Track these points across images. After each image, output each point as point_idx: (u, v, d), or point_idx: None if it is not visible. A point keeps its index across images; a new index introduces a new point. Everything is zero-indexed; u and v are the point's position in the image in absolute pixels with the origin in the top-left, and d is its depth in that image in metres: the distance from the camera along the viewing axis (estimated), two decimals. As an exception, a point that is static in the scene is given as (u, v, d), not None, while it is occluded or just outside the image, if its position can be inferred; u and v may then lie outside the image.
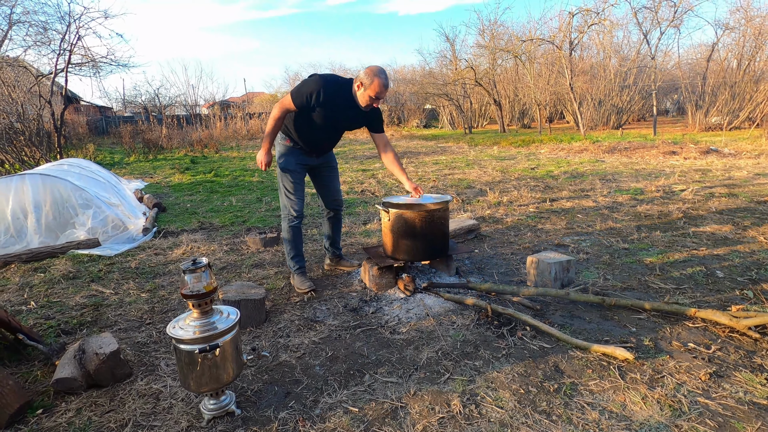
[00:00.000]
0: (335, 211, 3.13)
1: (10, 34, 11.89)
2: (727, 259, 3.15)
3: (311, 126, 2.71)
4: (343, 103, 2.62)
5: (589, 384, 1.82)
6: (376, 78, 2.49)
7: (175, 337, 1.58)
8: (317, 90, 2.55)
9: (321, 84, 2.55)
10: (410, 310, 2.54)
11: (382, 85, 2.50)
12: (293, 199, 2.85)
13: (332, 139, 2.87)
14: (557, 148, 10.86)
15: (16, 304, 2.83)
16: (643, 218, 4.33)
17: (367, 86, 2.51)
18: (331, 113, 2.65)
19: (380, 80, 2.49)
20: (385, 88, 2.53)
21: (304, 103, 2.59)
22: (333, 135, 2.84)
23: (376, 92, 2.51)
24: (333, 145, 2.95)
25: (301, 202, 2.88)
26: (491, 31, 19.29)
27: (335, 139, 2.89)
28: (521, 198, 5.43)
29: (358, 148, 13.14)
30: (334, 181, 3.07)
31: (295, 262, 2.96)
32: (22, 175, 4.20)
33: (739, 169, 6.89)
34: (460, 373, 1.92)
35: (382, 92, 2.54)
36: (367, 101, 2.57)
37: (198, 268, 1.59)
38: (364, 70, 2.54)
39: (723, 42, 15.62)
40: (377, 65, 2.54)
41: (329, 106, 2.61)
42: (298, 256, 2.96)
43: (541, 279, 2.75)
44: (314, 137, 2.78)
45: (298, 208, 2.86)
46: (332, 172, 3.06)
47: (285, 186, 2.86)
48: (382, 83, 2.50)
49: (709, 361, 1.94)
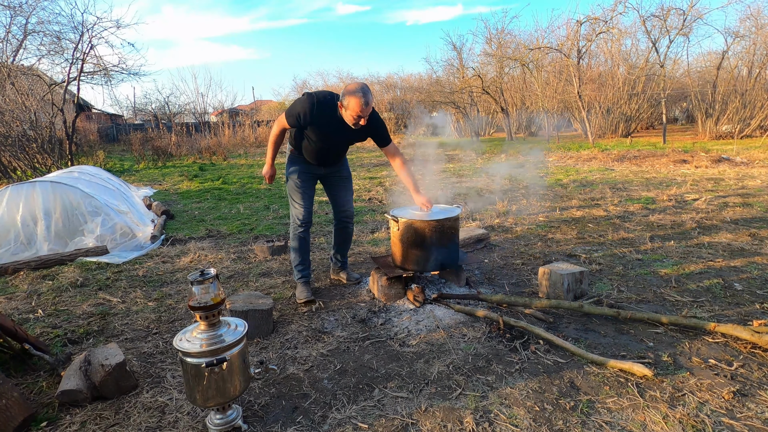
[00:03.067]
0: (344, 222, 3.05)
1: (25, 44, 12.14)
2: (745, 271, 3.06)
3: (309, 142, 2.70)
4: (334, 122, 2.59)
5: (606, 402, 1.75)
6: (353, 98, 2.43)
7: (182, 350, 1.54)
8: (304, 111, 2.55)
9: (308, 104, 2.54)
10: (420, 321, 2.49)
11: (361, 105, 2.43)
12: (298, 207, 2.83)
13: (333, 153, 2.82)
14: (566, 156, 10.79)
15: (23, 312, 2.82)
16: (655, 228, 4.25)
17: (347, 107, 2.47)
18: (324, 131, 2.63)
19: (358, 99, 2.42)
20: (366, 106, 2.45)
21: (296, 122, 2.61)
22: (333, 150, 2.80)
23: (357, 113, 2.46)
24: (338, 158, 2.90)
25: (306, 210, 2.83)
26: (498, 39, 19.35)
27: (337, 153, 2.85)
28: (530, 207, 5.36)
29: (366, 156, 13.16)
30: (343, 191, 3.00)
31: (297, 271, 2.92)
32: (33, 182, 4.23)
33: (753, 178, 6.77)
34: (473, 389, 1.87)
35: (364, 110, 2.46)
36: (352, 121, 2.52)
37: (206, 279, 1.56)
38: (344, 90, 2.49)
39: (733, 50, 15.49)
40: (356, 83, 2.49)
41: (320, 125, 2.60)
42: (301, 265, 2.92)
43: (554, 290, 2.69)
44: (314, 152, 2.75)
45: (303, 216, 2.83)
46: (342, 182, 2.99)
47: (291, 194, 2.86)
48: (361, 103, 2.43)
49: (732, 379, 1.87)
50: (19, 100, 10.19)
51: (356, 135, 2.73)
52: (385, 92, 26.51)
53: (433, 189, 6.92)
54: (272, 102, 35.35)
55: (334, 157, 2.86)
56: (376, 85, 26.84)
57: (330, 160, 2.86)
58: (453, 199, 6.04)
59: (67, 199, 4.19)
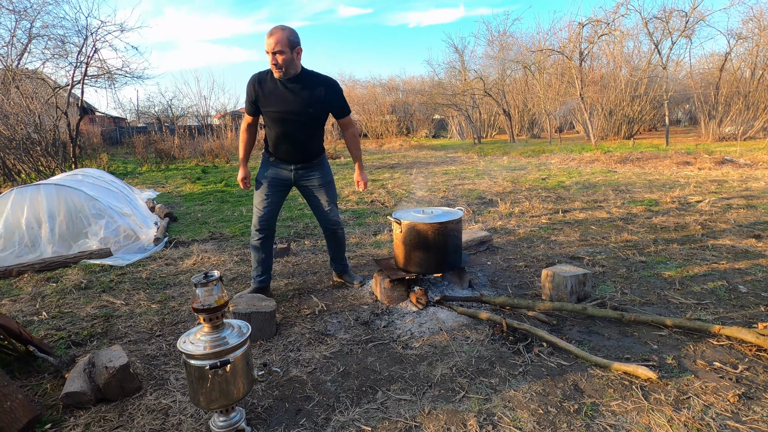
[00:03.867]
0: (331, 230, 2.98)
1: (29, 48, 12.23)
2: (750, 273, 3.05)
3: (269, 129, 2.67)
4: (278, 91, 2.53)
5: (611, 404, 1.75)
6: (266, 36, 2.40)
7: (186, 353, 1.55)
8: (250, 85, 2.56)
9: (250, 81, 2.57)
10: (423, 324, 2.49)
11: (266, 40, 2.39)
12: (256, 213, 2.77)
13: (295, 138, 2.65)
14: (568, 158, 10.77)
15: (28, 315, 2.83)
16: (659, 230, 4.24)
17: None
18: (273, 106, 2.56)
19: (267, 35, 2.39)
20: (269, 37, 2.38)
21: (251, 106, 2.61)
22: (294, 133, 2.63)
23: (266, 51, 2.40)
24: (305, 148, 2.72)
25: (264, 216, 2.74)
26: (500, 42, 19.39)
27: (299, 138, 2.66)
28: (533, 209, 5.36)
29: (367, 158, 13.17)
30: (321, 198, 2.87)
31: (253, 277, 2.90)
32: (38, 185, 4.25)
33: (757, 179, 6.74)
34: (476, 392, 1.86)
35: (269, 44, 2.38)
36: (271, 62, 2.42)
37: (209, 281, 1.57)
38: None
39: (736, 51, 15.45)
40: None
41: (268, 100, 2.56)
42: (257, 270, 2.87)
43: (557, 293, 2.69)
44: (276, 140, 2.67)
45: (260, 223, 2.75)
46: (320, 189, 2.84)
47: (254, 198, 2.80)
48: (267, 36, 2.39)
49: (737, 382, 1.86)
50: (23, 103, 10.26)
51: (309, 103, 2.55)
52: (387, 94, 26.55)
53: (434, 192, 6.93)
54: (274, 105, 35.40)
55: (300, 145, 2.69)
56: (378, 87, 26.87)
57: (296, 149, 2.70)
58: (455, 202, 6.04)
59: (71, 201, 4.21)
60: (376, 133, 24.52)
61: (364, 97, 26.16)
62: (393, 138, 22.36)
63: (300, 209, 5.97)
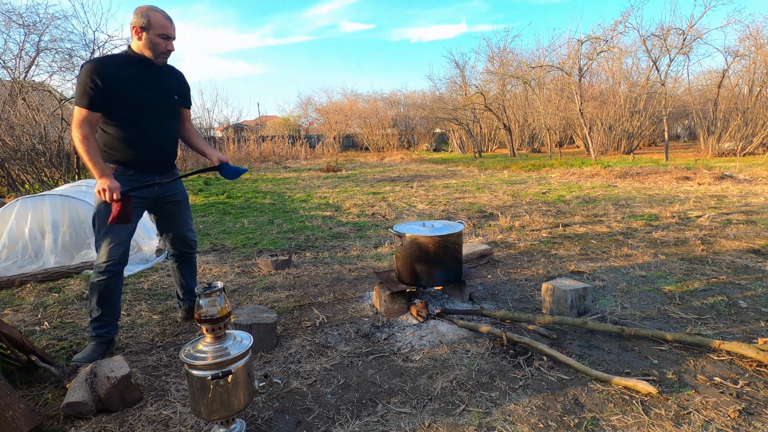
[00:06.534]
0: (186, 254, 2.62)
1: (37, 61, 12.43)
2: (750, 289, 3.06)
3: (122, 126, 2.19)
4: (133, 72, 2.18)
5: (611, 419, 1.75)
6: (153, 12, 2.13)
7: (188, 363, 1.56)
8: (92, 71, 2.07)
9: (93, 63, 2.11)
10: (423, 336, 2.49)
11: (164, 18, 2.15)
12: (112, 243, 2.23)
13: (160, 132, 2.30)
14: (568, 172, 10.84)
15: (30, 324, 2.84)
16: (659, 245, 4.26)
17: (147, 26, 2.12)
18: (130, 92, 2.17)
19: (160, 12, 2.15)
20: (170, 21, 2.17)
21: (94, 97, 2.08)
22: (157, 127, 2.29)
23: (163, 28, 2.14)
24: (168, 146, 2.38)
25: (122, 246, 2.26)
26: (500, 57, 19.65)
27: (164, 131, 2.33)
28: (533, 223, 5.38)
29: (369, 171, 13.25)
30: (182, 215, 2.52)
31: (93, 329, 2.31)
32: (42, 195, 4.30)
33: (756, 195, 6.78)
34: (476, 405, 1.87)
35: (169, 27, 2.16)
36: (157, 43, 2.15)
37: (213, 292, 1.59)
38: (133, 14, 2.13)
39: (733, 69, 15.66)
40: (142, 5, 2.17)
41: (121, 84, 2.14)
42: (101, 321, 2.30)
43: (557, 306, 2.69)
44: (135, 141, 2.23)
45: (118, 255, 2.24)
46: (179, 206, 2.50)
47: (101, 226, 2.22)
48: (163, 15, 2.15)
49: (738, 397, 1.86)
50: (29, 115, 10.39)
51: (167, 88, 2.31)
52: (388, 108, 26.85)
53: (435, 205, 6.97)
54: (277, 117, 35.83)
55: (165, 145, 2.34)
56: (380, 101, 27.21)
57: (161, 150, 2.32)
58: (455, 215, 6.06)
59: (75, 212, 4.25)
60: (377, 147, 24.72)
61: (365, 111, 26.45)
62: (394, 151, 22.52)
63: (301, 221, 6.00)
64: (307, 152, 20.80)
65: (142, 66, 2.22)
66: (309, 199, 8.10)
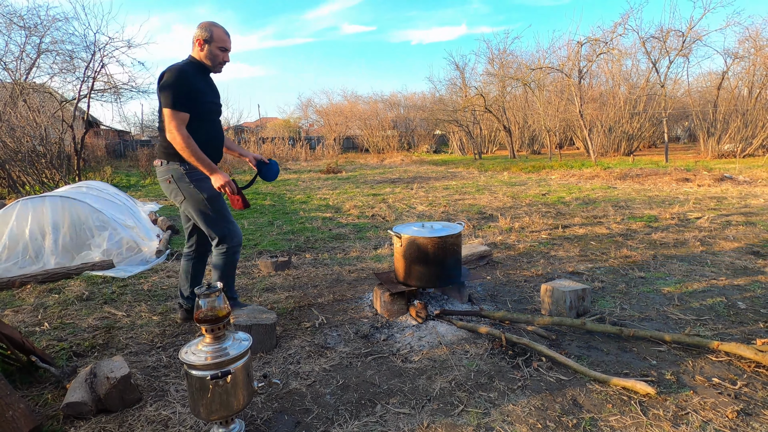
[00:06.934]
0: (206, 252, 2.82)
1: (38, 62, 12.47)
2: (749, 290, 3.06)
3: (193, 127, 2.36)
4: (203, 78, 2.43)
5: (609, 420, 1.75)
6: (215, 27, 2.36)
7: (187, 363, 1.56)
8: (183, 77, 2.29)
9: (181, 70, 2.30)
10: (422, 337, 2.50)
11: (224, 33, 2.38)
12: (235, 223, 2.60)
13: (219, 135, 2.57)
14: (568, 174, 10.85)
15: (30, 325, 2.85)
16: (658, 246, 4.26)
17: (209, 39, 2.35)
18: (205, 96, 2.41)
19: (220, 28, 2.37)
20: (228, 36, 2.40)
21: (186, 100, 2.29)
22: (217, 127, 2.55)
23: (223, 42, 2.37)
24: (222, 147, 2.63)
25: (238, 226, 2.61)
26: (500, 59, 19.68)
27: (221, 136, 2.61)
28: (533, 224, 5.39)
29: (369, 173, 13.27)
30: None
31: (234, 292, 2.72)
32: (43, 197, 4.31)
33: (756, 196, 6.78)
34: (475, 405, 1.87)
35: (227, 41, 2.38)
36: (216, 54, 2.38)
37: (212, 292, 1.59)
38: (197, 28, 2.36)
39: (733, 70, 15.68)
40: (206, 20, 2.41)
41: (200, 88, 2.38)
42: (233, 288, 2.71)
43: (556, 308, 2.70)
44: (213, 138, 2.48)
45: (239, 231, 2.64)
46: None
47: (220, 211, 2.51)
48: (224, 31, 2.39)
49: (736, 398, 1.86)
50: (30, 116, 10.42)
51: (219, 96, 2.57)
52: (388, 110, 26.88)
53: (435, 206, 6.97)
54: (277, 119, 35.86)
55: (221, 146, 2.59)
56: (380, 102, 27.24)
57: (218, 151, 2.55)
58: (455, 216, 6.07)
59: (76, 213, 4.26)
60: (377, 148, 24.74)
61: (366, 113, 26.48)
62: (394, 153, 22.54)
63: (301, 222, 6.01)
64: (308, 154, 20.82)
65: (206, 73, 2.48)
66: (309, 201, 8.11)
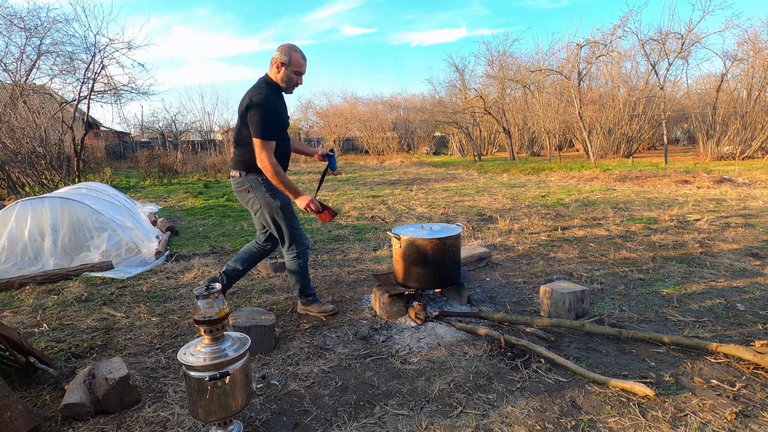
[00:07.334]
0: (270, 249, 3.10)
1: (38, 64, 12.48)
2: (748, 292, 3.06)
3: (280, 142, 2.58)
4: (281, 101, 2.61)
5: (608, 421, 1.75)
6: (294, 52, 2.49)
7: (186, 364, 1.56)
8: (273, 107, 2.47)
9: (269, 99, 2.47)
10: (421, 339, 2.50)
11: (302, 58, 2.52)
12: (301, 229, 2.85)
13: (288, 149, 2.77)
14: (567, 176, 10.86)
15: (28, 326, 2.85)
16: (657, 248, 4.26)
17: (287, 63, 2.49)
18: (283, 118, 2.63)
19: (299, 53, 2.51)
20: (305, 61, 2.55)
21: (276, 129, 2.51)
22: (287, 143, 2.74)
23: (299, 66, 2.51)
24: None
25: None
26: (500, 61, 19.71)
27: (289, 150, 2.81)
28: (532, 226, 5.39)
29: (369, 175, 13.28)
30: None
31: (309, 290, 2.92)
32: (42, 198, 4.31)
33: (755, 198, 6.79)
34: (474, 407, 1.87)
35: (303, 65, 2.53)
36: (291, 78, 2.53)
37: (211, 293, 1.59)
38: (277, 50, 2.51)
39: (732, 73, 15.73)
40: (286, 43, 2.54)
41: (281, 112, 2.58)
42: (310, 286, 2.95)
43: (555, 309, 2.70)
44: (285, 148, 2.70)
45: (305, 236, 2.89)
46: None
47: (289, 220, 2.75)
48: (302, 55, 2.52)
49: (735, 400, 1.86)
50: (30, 117, 10.43)
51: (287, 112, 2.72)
52: (388, 112, 26.91)
53: (434, 208, 6.98)
54: (277, 121, 35.76)
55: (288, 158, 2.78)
56: (380, 104, 27.26)
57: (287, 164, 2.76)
58: (455, 218, 6.07)
59: (75, 214, 4.25)
60: (377, 150, 24.75)
61: (366, 114, 26.51)
62: (394, 154, 22.56)
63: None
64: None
65: (281, 94, 2.62)
66: (308, 202, 8.10)
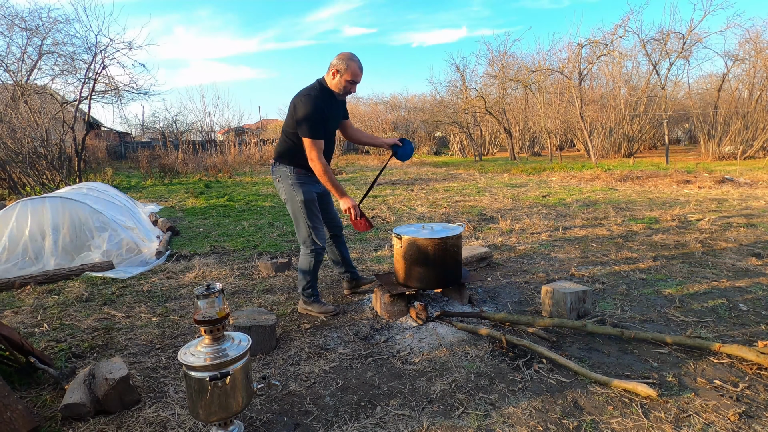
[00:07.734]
0: (337, 235, 3.16)
1: (39, 64, 12.49)
2: (750, 292, 3.05)
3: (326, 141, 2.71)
4: (330, 104, 2.67)
5: (610, 422, 1.74)
6: (351, 62, 2.57)
7: (186, 364, 1.56)
8: (319, 107, 2.58)
9: (317, 99, 2.58)
10: (422, 339, 2.49)
11: (358, 68, 2.59)
12: (320, 228, 2.84)
13: (331, 149, 2.86)
14: (568, 176, 10.84)
15: (29, 326, 2.84)
16: (659, 248, 4.25)
17: (343, 71, 2.58)
18: (331, 121, 2.73)
19: (356, 62, 2.58)
20: (361, 71, 2.62)
21: (322, 128, 2.62)
22: (331, 143, 2.83)
23: (355, 75, 2.59)
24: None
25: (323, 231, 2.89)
26: (501, 61, 19.67)
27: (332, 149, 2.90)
28: (533, 226, 5.38)
29: (370, 175, 13.27)
30: (332, 204, 3.12)
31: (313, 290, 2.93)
32: (43, 198, 4.31)
33: (757, 198, 6.77)
34: (475, 408, 1.86)
35: (359, 75, 2.61)
36: (345, 86, 2.62)
37: (212, 293, 1.59)
38: (336, 58, 2.60)
39: (733, 72, 15.66)
40: (346, 51, 2.60)
41: (328, 114, 2.67)
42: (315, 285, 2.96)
43: (557, 309, 2.69)
44: (330, 147, 2.79)
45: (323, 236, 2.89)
46: (330, 197, 3.08)
47: (308, 216, 2.78)
48: (358, 66, 2.59)
49: (738, 400, 1.85)
50: (31, 118, 10.44)
51: (340, 113, 2.82)
52: (389, 112, 26.88)
53: (435, 208, 6.97)
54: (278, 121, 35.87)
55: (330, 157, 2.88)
56: (380, 104, 27.24)
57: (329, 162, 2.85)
58: (456, 218, 6.06)
59: (76, 214, 4.25)
60: (378, 150, 24.74)
61: (366, 114, 26.50)
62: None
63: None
64: (308, 155, 20.77)
65: (333, 99, 2.70)
66: (309, 202, 8.09)
